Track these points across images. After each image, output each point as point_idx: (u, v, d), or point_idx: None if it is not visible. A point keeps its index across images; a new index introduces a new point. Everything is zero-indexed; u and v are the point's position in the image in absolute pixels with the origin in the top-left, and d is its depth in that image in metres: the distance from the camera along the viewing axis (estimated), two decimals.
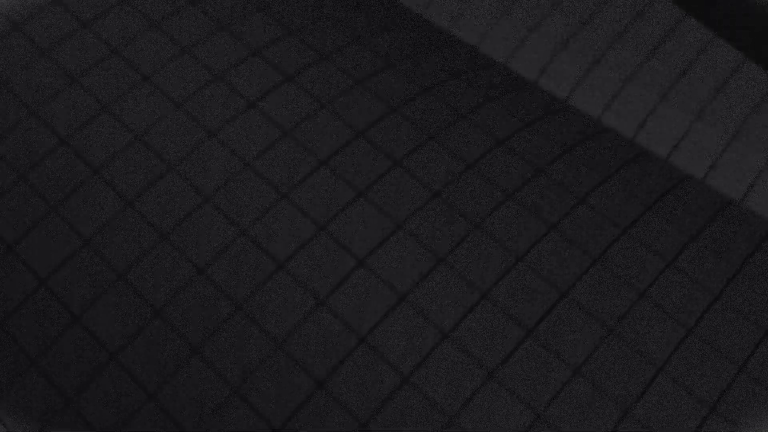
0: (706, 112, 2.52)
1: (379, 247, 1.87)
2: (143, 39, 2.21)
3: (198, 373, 1.75)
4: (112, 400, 1.76)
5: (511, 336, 1.76)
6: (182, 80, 2.13)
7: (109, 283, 1.87)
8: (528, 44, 2.70)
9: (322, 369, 1.73)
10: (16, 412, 1.77)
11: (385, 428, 1.66)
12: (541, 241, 1.89)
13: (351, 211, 1.93)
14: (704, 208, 2.10)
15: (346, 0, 2.45)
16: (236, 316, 1.81)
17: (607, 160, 2.14)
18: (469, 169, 2.02)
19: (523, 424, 1.65)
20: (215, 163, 2.00)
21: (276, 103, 2.10)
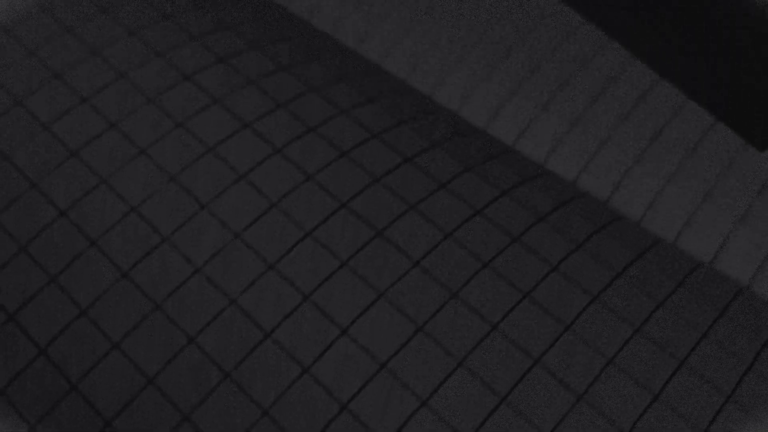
0: (678, 174, 2.63)
1: (360, 316, 1.98)
2: (140, 113, 2.33)
3: None
4: None
5: (485, 403, 1.85)
6: (176, 153, 2.25)
7: (105, 351, 1.97)
8: (507, 108, 2.82)
9: None
10: None
11: None
12: (515, 309, 2.00)
13: (334, 280, 2.04)
14: (673, 272, 2.21)
15: (332, 73, 2.57)
16: (224, 383, 1.90)
17: (580, 226, 2.25)
18: (448, 238, 2.13)
19: None
20: (206, 234, 2.11)
21: (264, 175, 2.21)
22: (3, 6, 2.62)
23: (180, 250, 2.08)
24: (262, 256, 2.07)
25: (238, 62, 2.51)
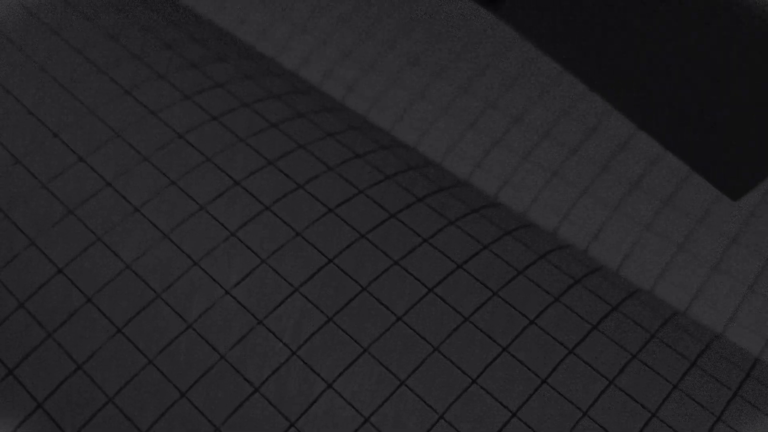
0: (655, 223, 2.73)
1: (345, 371, 2.06)
2: (135, 172, 2.42)
3: None
4: None
5: None
6: (169, 211, 2.34)
7: (100, 405, 2.05)
8: (489, 158, 2.92)
9: None
10: None
11: None
12: (493, 363, 2.08)
13: (320, 335, 2.12)
14: (648, 323, 2.29)
15: (320, 129, 2.67)
16: None
17: (558, 280, 2.34)
18: (430, 293, 2.22)
19: None
20: (197, 290, 2.19)
21: (254, 232, 2.31)
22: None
23: (172, 306, 2.17)
24: (252, 311, 2.16)
25: (228, 120, 2.61)
